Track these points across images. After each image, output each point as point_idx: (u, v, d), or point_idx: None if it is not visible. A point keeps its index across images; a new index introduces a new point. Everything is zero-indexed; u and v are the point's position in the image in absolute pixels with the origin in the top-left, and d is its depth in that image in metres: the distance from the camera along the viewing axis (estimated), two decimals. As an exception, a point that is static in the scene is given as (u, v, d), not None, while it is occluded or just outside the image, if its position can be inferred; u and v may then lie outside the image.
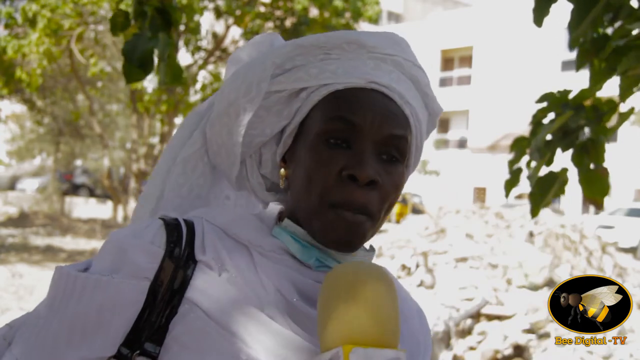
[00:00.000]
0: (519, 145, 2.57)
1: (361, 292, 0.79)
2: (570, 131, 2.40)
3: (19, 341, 0.90)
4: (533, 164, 2.49)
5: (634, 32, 2.16)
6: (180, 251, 0.89)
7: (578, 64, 2.31)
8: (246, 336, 0.85)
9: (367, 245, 1.01)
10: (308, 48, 0.94)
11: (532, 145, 2.46)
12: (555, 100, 2.44)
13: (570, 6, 2.15)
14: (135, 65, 2.51)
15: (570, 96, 2.44)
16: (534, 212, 2.45)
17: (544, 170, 2.47)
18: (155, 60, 2.58)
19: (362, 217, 0.89)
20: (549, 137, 2.45)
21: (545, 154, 2.42)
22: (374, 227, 0.91)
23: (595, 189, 2.33)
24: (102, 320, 0.85)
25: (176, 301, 0.86)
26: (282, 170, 0.97)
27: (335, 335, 0.77)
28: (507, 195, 2.58)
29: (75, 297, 0.86)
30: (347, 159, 0.89)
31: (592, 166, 2.35)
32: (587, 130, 2.41)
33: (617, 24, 2.20)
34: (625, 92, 2.23)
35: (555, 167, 2.48)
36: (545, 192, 2.41)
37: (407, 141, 0.93)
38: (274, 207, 0.99)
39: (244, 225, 0.94)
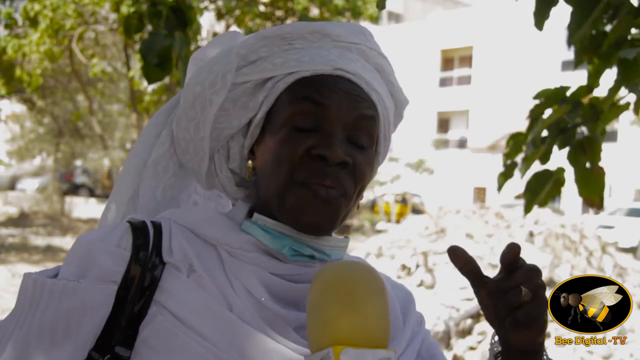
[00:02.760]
0: (515, 140, 2.57)
1: (351, 292, 0.78)
2: (567, 128, 2.40)
3: None
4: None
5: (634, 32, 2.16)
6: (147, 253, 0.88)
7: (576, 62, 2.31)
8: (215, 337, 0.84)
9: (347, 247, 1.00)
10: (272, 39, 0.94)
11: (528, 139, 2.46)
12: (553, 96, 2.43)
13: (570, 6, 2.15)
14: (153, 64, 2.51)
15: (568, 93, 2.43)
16: (527, 209, 2.44)
17: (539, 168, 2.46)
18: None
19: (335, 191, 0.88)
20: (545, 133, 2.44)
21: (539, 148, 2.41)
22: (347, 206, 0.91)
23: (591, 188, 2.32)
24: (70, 325, 0.84)
25: (144, 304, 0.85)
26: (250, 162, 0.96)
27: (326, 335, 0.77)
28: (499, 188, 2.56)
29: (43, 303, 0.85)
30: (316, 140, 0.89)
31: (588, 165, 2.35)
32: (584, 129, 2.40)
33: (616, 22, 2.20)
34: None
35: (552, 166, 2.47)
36: (539, 189, 2.40)
37: (374, 123, 0.93)
38: (244, 205, 0.98)
39: (212, 224, 0.93)
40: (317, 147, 0.88)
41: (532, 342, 0.85)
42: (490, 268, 7.25)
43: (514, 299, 0.83)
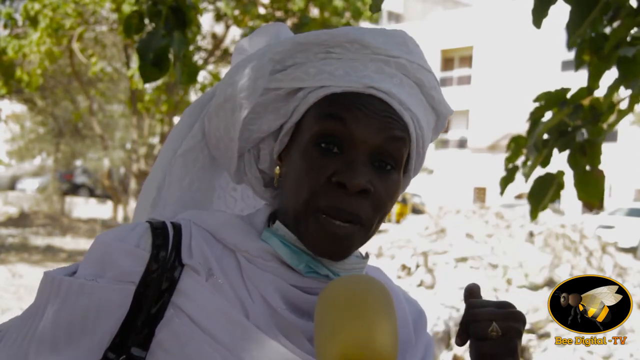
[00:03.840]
0: (515, 143, 2.57)
1: (359, 306, 0.78)
2: (567, 131, 2.40)
3: (4, 347, 0.89)
4: (530, 163, 2.49)
5: (633, 32, 2.17)
6: (166, 255, 0.87)
7: (577, 63, 2.31)
8: (230, 343, 0.83)
9: (362, 252, 0.99)
10: (308, 45, 0.91)
11: (529, 142, 2.46)
12: (553, 99, 2.44)
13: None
14: (150, 64, 2.51)
15: (568, 95, 2.43)
16: (534, 215, 2.45)
17: (541, 172, 2.47)
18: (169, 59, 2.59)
19: (351, 226, 0.86)
20: (545, 136, 2.45)
21: (541, 152, 2.41)
22: (365, 236, 0.89)
23: (590, 191, 2.32)
24: (86, 324, 0.84)
25: (162, 305, 0.85)
26: (277, 168, 0.95)
27: (333, 350, 0.76)
28: (502, 192, 2.57)
29: (60, 301, 0.85)
30: (338, 165, 0.86)
31: (587, 168, 2.35)
32: (584, 131, 2.41)
33: (616, 23, 2.20)
34: (634, 99, 2.23)
35: (551, 169, 2.48)
36: (543, 193, 2.41)
37: (404, 145, 0.90)
38: (266, 209, 0.97)
39: (232, 229, 0.92)
40: (338, 173, 0.85)
41: None
42: (491, 268, 7.25)
43: (481, 330, 0.85)
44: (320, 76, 0.90)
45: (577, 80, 2.53)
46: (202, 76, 14.54)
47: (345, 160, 0.87)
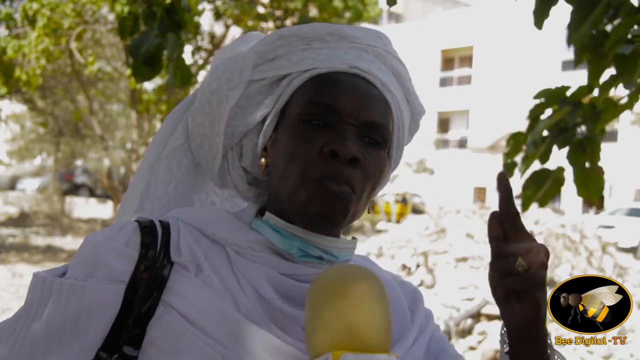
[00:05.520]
0: (515, 140, 2.57)
1: (349, 296, 0.77)
2: (567, 128, 2.40)
3: None
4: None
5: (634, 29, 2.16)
6: (155, 253, 0.88)
7: (576, 61, 2.31)
8: (222, 337, 0.84)
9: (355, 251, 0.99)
10: (290, 38, 0.95)
11: (528, 139, 2.46)
12: (553, 96, 2.44)
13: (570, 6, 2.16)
14: (142, 63, 2.50)
15: (568, 93, 2.44)
16: (525, 207, 2.46)
17: (539, 167, 2.47)
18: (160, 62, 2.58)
19: (347, 187, 0.88)
20: (545, 132, 2.45)
21: (538, 148, 2.42)
22: (357, 204, 0.90)
23: (590, 187, 2.33)
24: (79, 325, 0.84)
25: (152, 303, 0.85)
26: (263, 159, 0.96)
27: (324, 340, 0.76)
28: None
29: (51, 303, 0.85)
30: (329, 137, 0.89)
31: (587, 165, 2.36)
32: (583, 128, 2.41)
33: (617, 21, 2.20)
34: (634, 98, 2.23)
35: (551, 165, 2.48)
36: (537, 187, 2.41)
37: (388, 129, 0.93)
38: (253, 205, 0.98)
39: (220, 223, 0.93)
40: (330, 143, 0.88)
41: (526, 320, 0.84)
42: (490, 268, 7.24)
43: (507, 265, 0.83)
44: (304, 62, 0.93)
45: (578, 80, 2.53)
46: (202, 76, 14.53)
47: (334, 132, 0.89)
